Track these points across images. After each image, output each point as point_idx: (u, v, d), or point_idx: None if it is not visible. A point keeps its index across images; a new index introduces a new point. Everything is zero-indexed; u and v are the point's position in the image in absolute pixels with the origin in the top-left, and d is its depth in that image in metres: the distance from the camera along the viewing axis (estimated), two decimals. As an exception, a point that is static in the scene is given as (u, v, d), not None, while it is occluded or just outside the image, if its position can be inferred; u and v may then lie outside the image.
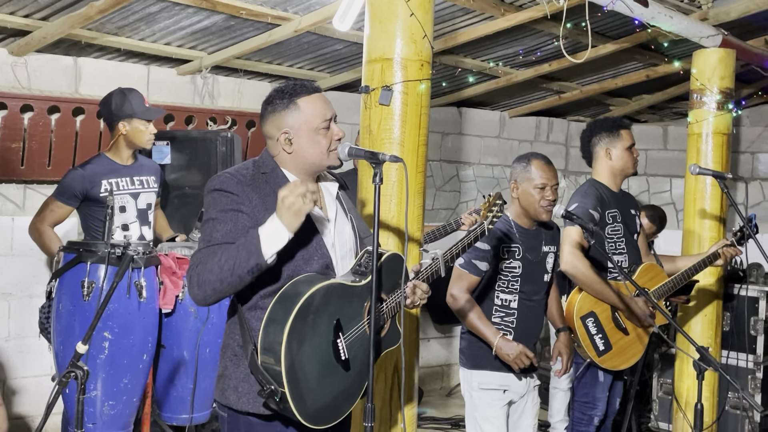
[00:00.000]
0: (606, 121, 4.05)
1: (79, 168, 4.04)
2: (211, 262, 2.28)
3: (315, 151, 2.47)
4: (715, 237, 4.85)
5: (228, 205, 2.37)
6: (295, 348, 2.29)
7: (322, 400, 2.37)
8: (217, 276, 2.26)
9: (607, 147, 3.93)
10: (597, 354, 3.70)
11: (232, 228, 2.34)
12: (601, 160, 3.96)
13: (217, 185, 2.40)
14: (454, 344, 7.04)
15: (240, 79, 5.62)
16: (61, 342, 3.61)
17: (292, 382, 2.28)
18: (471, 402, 3.47)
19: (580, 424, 3.95)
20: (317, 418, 2.36)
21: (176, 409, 3.98)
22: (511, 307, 3.43)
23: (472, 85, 6.28)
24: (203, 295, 2.31)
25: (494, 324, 3.40)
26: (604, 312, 3.74)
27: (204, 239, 2.36)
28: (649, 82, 6.42)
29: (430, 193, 6.73)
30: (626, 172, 3.98)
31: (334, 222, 2.56)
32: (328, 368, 2.38)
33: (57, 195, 4.03)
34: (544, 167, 3.41)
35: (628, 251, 3.88)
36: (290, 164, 2.50)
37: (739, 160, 7.09)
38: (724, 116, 4.87)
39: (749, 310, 5.06)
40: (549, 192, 3.38)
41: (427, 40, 3.30)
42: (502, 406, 3.42)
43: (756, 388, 5.03)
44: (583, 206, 3.78)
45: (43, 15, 4.39)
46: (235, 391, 2.42)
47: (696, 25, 4.63)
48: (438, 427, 5.68)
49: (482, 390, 3.42)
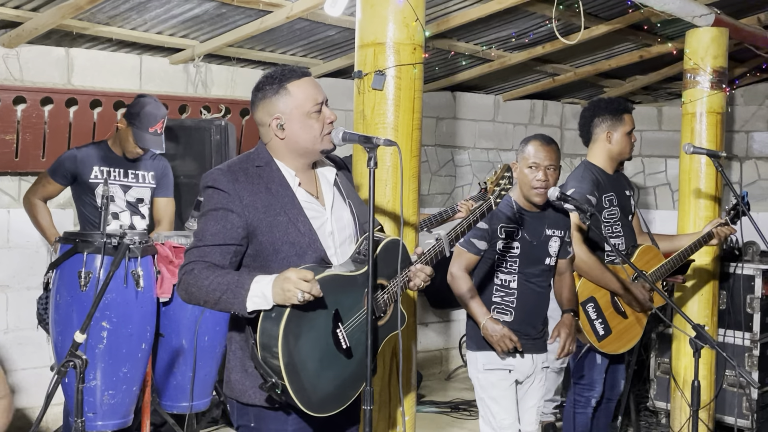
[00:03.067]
0: (611, 102, 3.99)
1: (75, 149, 4.23)
2: (200, 281, 2.33)
3: (307, 136, 2.47)
4: (711, 216, 4.86)
5: (219, 203, 2.39)
6: (292, 341, 2.30)
7: (325, 389, 2.37)
8: (203, 299, 2.36)
9: (609, 130, 3.91)
10: (597, 339, 3.71)
11: (221, 228, 2.37)
12: (599, 143, 3.94)
13: (209, 182, 2.42)
14: (453, 328, 7.07)
15: (233, 67, 5.60)
16: (60, 333, 3.62)
17: (291, 374, 2.29)
18: (478, 383, 3.50)
19: (578, 406, 3.97)
20: (322, 407, 2.37)
21: (176, 398, 4.00)
22: (510, 287, 3.44)
23: (465, 69, 6.27)
24: (188, 303, 2.43)
25: (494, 303, 3.43)
26: (604, 297, 3.75)
27: (197, 234, 2.42)
28: (643, 62, 6.41)
29: (426, 178, 6.73)
30: (623, 156, 3.97)
31: (331, 209, 2.55)
32: (330, 358, 2.39)
33: (50, 171, 4.21)
34: (539, 147, 3.38)
35: (624, 234, 3.89)
36: (284, 151, 2.50)
37: (734, 139, 7.09)
38: (717, 95, 4.87)
39: (745, 288, 5.08)
40: (540, 173, 3.36)
41: (419, 23, 3.29)
42: (509, 386, 3.44)
43: (753, 365, 5.06)
44: (579, 191, 3.78)
45: (33, 6, 4.36)
46: (239, 384, 2.44)
47: (688, 4, 4.62)
48: (438, 411, 5.71)
49: (487, 370, 3.45)
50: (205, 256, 2.36)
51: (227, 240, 2.37)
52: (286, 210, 2.43)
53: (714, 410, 4.99)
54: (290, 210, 2.44)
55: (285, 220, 2.41)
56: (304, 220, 2.45)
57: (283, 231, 2.41)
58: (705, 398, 4.70)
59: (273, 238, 2.40)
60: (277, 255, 2.40)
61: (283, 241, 2.40)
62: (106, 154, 4.10)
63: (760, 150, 7.03)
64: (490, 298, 3.44)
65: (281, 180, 2.47)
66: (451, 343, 7.04)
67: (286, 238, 2.40)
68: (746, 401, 5.08)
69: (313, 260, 2.44)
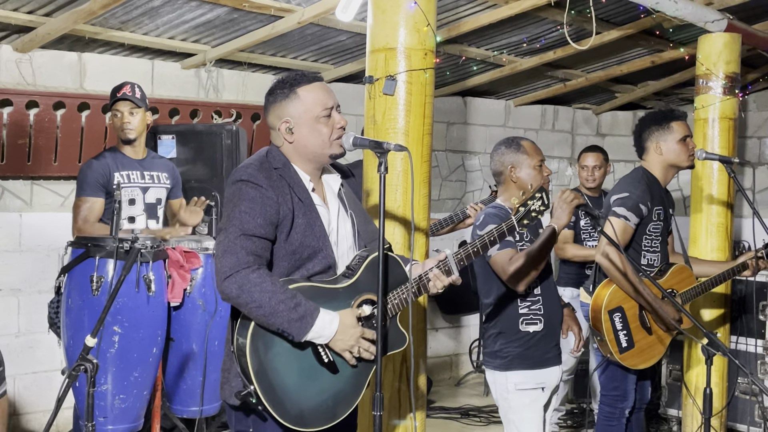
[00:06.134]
0: (656, 114, 3.89)
1: (92, 160, 4.09)
2: (263, 286, 2.28)
3: (316, 140, 2.48)
4: (723, 222, 4.83)
5: (258, 198, 2.37)
6: (261, 349, 2.31)
7: (305, 403, 2.36)
8: (256, 304, 2.28)
9: (657, 141, 3.77)
10: (619, 350, 3.60)
11: (262, 222, 2.35)
12: (651, 154, 3.80)
13: (244, 176, 2.40)
14: (463, 334, 7.05)
15: (244, 72, 5.61)
16: (71, 337, 3.63)
17: (263, 383, 2.30)
18: (507, 404, 3.30)
19: (612, 418, 3.84)
20: (302, 421, 2.35)
21: (186, 402, 4.00)
22: (535, 294, 3.29)
23: (476, 74, 6.26)
24: (230, 297, 2.32)
25: (522, 315, 3.27)
26: (632, 309, 3.65)
27: (235, 225, 2.34)
28: (655, 68, 6.38)
29: (436, 183, 6.72)
30: (680, 165, 3.81)
31: (337, 219, 2.57)
32: (311, 372, 2.38)
33: (81, 192, 4.01)
34: (534, 146, 3.35)
35: (661, 250, 3.80)
36: (294, 155, 2.51)
37: (746, 145, 7.06)
38: (730, 101, 4.84)
39: (758, 295, 5.04)
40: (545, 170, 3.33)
41: (430, 29, 3.29)
42: (541, 407, 3.29)
43: (765, 372, 5.02)
44: (633, 197, 3.66)
45: (46, 11, 4.39)
46: (229, 387, 2.45)
47: (701, 10, 4.60)
48: (448, 417, 5.70)
49: (519, 391, 3.26)
50: (257, 249, 2.33)
51: (269, 235, 2.37)
52: (305, 212, 2.45)
53: (726, 418, 4.96)
54: (309, 213, 2.46)
55: (304, 223, 2.43)
56: (320, 224, 2.47)
57: (301, 233, 2.42)
58: (717, 406, 4.67)
59: (292, 239, 2.41)
60: (293, 256, 2.42)
61: (300, 243, 2.42)
62: (121, 160, 4.10)
63: (773, 156, 6.99)
64: (517, 311, 3.27)
65: (299, 182, 2.49)
66: (462, 349, 7.02)
67: (303, 240, 2.42)
68: (758, 409, 5.04)
69: (323, 266, 2.46)
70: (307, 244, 2.42)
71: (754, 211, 3.93)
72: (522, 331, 3.27)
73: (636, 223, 3.68)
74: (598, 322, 3.62)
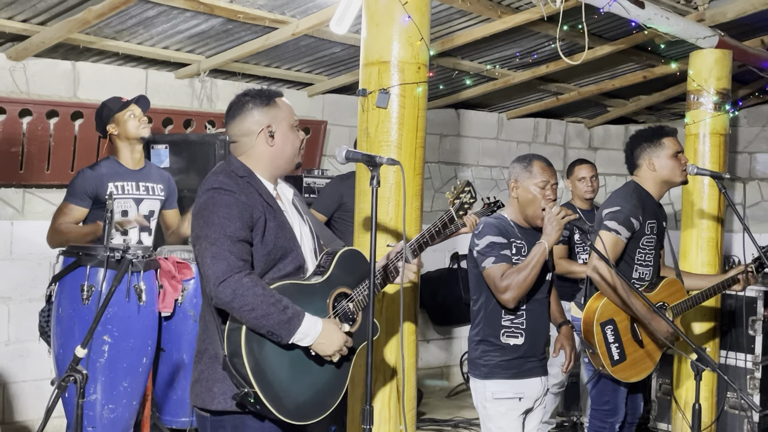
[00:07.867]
0: (647, 131, 3.89)
1: (87, 169, 4.06)
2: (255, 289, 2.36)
3: (290, 149, 2.64)
4: (713, 237, 4.86)
5: (234, 203, 2.46)
6: (256, 348, 2.39)
7: (301, 396, 2.46)
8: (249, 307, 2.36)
9: (650, 158, 3.78)
10: (611, 363, 3.60)
11: (241, 226, 2.44)
12: (643, 171, 3.81)
13: (215, 184, 2.50)
14: (454, 345, 7.05)
15: (238, 82, 5.62)
16: (61, 346, 3.62)
17: (261, 382, 2.37)
18: (485, 413, 3.31)
19: None
20: (300, 414, 2.45)
21: (176, 412, 3.99)
22: (520, 308, 3.28)
23: (469, 87, 6.29)
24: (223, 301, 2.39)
25: (504, 327, 3.28)
26: (624, 321, 3.66)
27: (217, 231, 2.41)
28: (646, 83, 6.43)
29: (429, 194, 6.73)
30: (673, 180, 3.82)
31: (299, 224, 2.68)
32: (301, 364, 2.47)
33: (68, 197, 4.03)
34: (545, 167, 3.35)
35: (653, 264, 3.81)
36: (264, 162, 2.61)
37: (737, 161, 7.10)
38: (721, 117, 4.88)
39: (747, 310, 5.06)
40: (549, 191, 3.32)
41: (424, 42, 3.31)
42: (518, 416, 3.29)
43: (755, 387, 5.04)
44: (624, 212, 3.67)
45: (41, 20, 4.40)
46: (209, 392, 2.48)
47: (692, 26, 4.64)
48: (438, 429, 5.69)
49: (496, 400, 3.27)
50: (243, 253, 2.42)
51: (249, 238, 2.47)
52: (275, 216, 2.55)
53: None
54: (278, 216, 2.57)
55: (275, 225, 2.54)
56: (289, 227, 2.59)
57: (273, 235, 2.52)
58: (706, 421, 4.68)
59: (267, 240, 2.51)
60: (267, 257, 2.51)
61: (273, 244, 2.52)
62: (117, 169, 4.08)
63: (763, 171, 7.03)
64: (499, 322, 3.28)
65: (265, 189, 2.59)
66: (453, 360, 7.02)
67: (276, 241, 2.53)
68: (747, 424, 5.05)
69: (294, 266, 2.56)
70: (279, 245, 2.53)
71: (744, 226, 3.95)
72: (503, 343, 3.28)
73: (627, 237, 3.69)
74: (590, 334, 3.63)
